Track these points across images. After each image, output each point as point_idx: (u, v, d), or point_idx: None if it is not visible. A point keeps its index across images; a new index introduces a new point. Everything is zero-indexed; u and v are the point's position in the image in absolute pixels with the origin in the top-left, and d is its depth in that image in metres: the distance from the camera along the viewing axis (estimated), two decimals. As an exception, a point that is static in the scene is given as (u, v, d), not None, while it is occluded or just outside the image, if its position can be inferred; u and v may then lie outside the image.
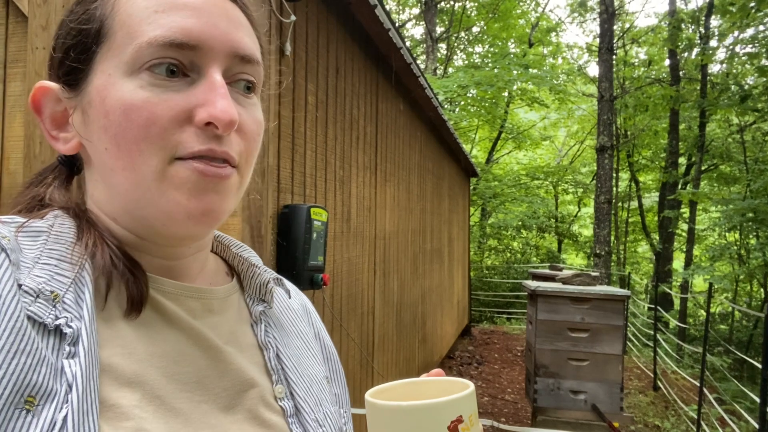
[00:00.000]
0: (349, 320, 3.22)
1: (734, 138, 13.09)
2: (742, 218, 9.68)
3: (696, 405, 5.81)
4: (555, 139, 20.86)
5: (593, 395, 4.43)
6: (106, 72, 0.48)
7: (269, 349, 0.59)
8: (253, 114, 0.53)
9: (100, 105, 0.48)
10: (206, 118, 0.47)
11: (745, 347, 10.96)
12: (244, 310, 0.61)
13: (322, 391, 0.62)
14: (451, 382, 0.56)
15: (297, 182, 2.46)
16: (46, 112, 0.53)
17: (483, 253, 16.06)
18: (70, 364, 0.41)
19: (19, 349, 0.39)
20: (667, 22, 13.14)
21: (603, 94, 10.23)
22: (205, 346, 0.52)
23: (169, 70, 0.47)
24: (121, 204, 0.50)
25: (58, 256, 0.46)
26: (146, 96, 0.46)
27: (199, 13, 0.48)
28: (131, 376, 0.45)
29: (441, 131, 6.68)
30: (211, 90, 0.47)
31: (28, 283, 0.43)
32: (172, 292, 0.53)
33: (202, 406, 0.49)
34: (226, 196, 0.50)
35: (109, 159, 0.48)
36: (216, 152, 0.48)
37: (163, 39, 0.47)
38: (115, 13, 0.49)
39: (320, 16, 2.74)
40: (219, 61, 0.49)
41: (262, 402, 0.55)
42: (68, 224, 0.50)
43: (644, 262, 18.52)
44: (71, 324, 0.43)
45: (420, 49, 16.90)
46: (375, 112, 3.84)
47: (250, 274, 0.63)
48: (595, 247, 10.08)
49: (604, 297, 4.44)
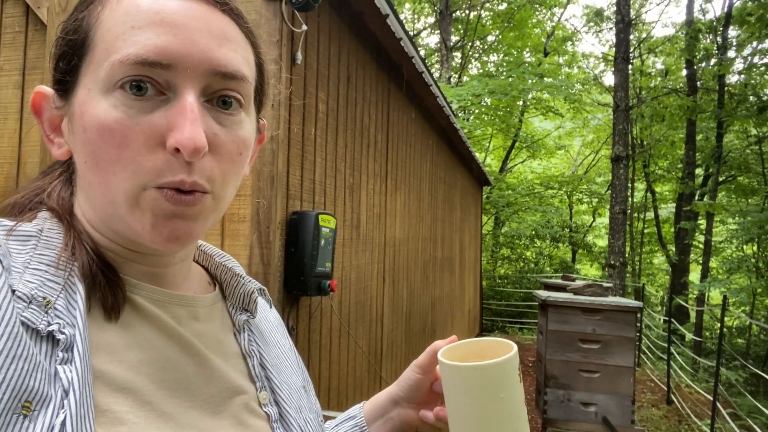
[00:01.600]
0: (357, 327, 3.23)
1: (752, 149, 12.92)
2: (760, 230, 9.54)
3: (709, 420, 5.71)
4: (570, 149, 20.75)
5: (604, 407, 4.38)
6: (87, 86, 0.48)
7: (253, 357, 0.60)
8: (234, 133, 0.51)
9: (80, 119, 0.48)
10: (174, 144, 0.46)
11: (762, 362, 10.75)
12: (227, 319, 0.62)
13: (300, 398, 0.64)
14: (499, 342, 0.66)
15: (306, 189, 2.48)
16: (45, 115, 0.54)
17: (496, 262, 15.98)
18: (65, 369, 0.42)
19: (16, 355, 0.39)
20: (684, 32, 13.05)
21: (619, 103, 10.17)
22: (192, 353, 0.53)
23: (139, 87, 0.46)
24: (99, 215, 0.51)
25: (48, 262, 0.47)
26: (118, 117, 0.46)
27: (178, 30, 0.47)
28: (122, 382, 0.46)
29: (453, 140, 6.69)
30: (181, 114, 0.46)
31: (21, 289, 0.43)
32: (159, 299, 0.53)
33: (191, 411, 0.50)
34: (195, 221, 0.49)
35: (87, 172, 0.49)
36: (186, 184, 0.47)
37: (135, 58, 0.45)
38: (98, 25, 0.48)
39: (332, 25, 2.78)
40: (195, 80, 0.48)
41: (248, 408, 0.56)
42: (57, 229, 0.50)
43: (660, 274, 18.29)
44: (64, 330, 0.43)
45: (435, 57, 16.94)
46: (386, 120, 3.86)
47: (233, 283, 0.63)
48: (610, 258, 9.99)
49: (615, 308, 4.40)
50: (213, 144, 0.49)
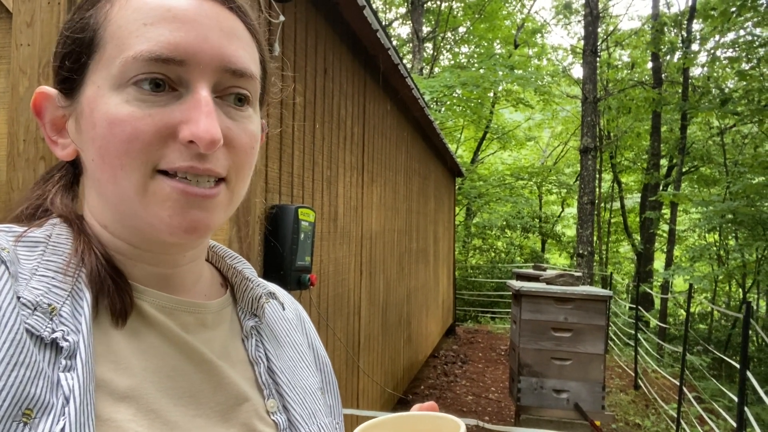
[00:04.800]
0: (336, 320, 3.23)
1: (715, 140, 13.32)
2: (721, 220, 9.85)
3: (676, 404, 5.91)
4: (539, 140, 21.04)
5: (576, 394, 4.49)
6: (96, 83, 0.48)
7: (260, 364, 0.59)
8: (245, 127, 0.51)
9: (89, 116, 0.48)
10: (188, 136, 0.46)
11: (723, 347, 11.15)
12: (236, 324, 0.60)
13: (316, 402, 0.62)
14: (443, 419, 0.53)
15: (285, 182, 2.45)
16: (47, 116, 0.53)
17: (468, 252, 16.15)
18: (67, 377, 0.41)
19: (18, 362, 0.39)
20: (650, 25, 13.31)
21: (587, 95, 10.34)
22: (199, 361, 0.52)
23: (154, 84, 0.46)
24: (111, 213, 0.51)
25: (55, 268, 0.46)
26: (131, 111, 0.46)
27: (190, 26, 0.47)
28: (126, 390, 0.45)
29: (427, 131, 6.71)
30: (196, 108, 0.46)
31: (26, 296, 0.43)
32: (166, 306, 0.52)
33: (197, 420, 0.49)
34: (212, 212, 0.49)
35: (96, 170, 0.49)
36: (197, 170, 0.47)
37: (149, 54, 0.45)
38: (107, 23, 0.48)
39: (309, 16, 2.74)
40: (207, 75, 0.48)
41: (256, 416, 0.55)
42: (65, 234, 0.50)
43: (626, 263, 18.76)
44: (68, 338, 0.43)
45: (406, 48, 16.93)
46: (362, 113, 3.85)
47: (243, 287, 0.62)
48: (578, 248, 10.19)
49: (587, 297, 4.50)
50: (227, 138, 0.49)
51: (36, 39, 1.96)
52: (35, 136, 1.94)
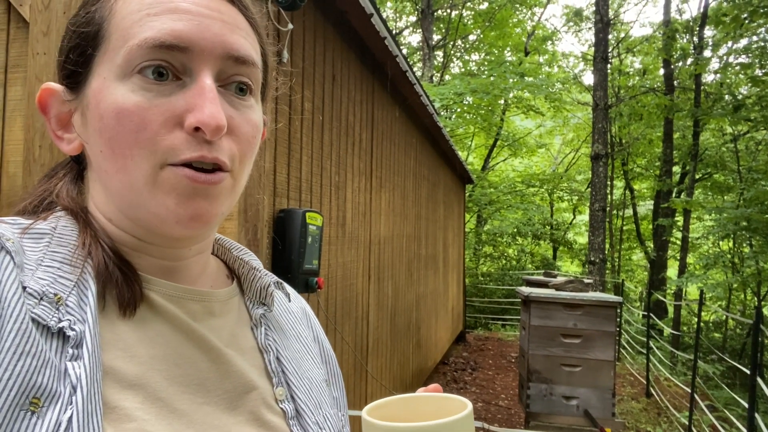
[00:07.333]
0: (344, 324, 3.25)
1: (728, 147, 13.19)
2: (735, 227, 9.74)
3: (688, 412, 5.84)
4: (550, 147, 20.96)
5: (585, 401, 4.46)
6: (102, 75, 0.49)
7: (269, 351, 0.59)
8: (247, 116, 0.52)
9: (96, 108, 0.49)
10: (194, 123, 0.46)
11: (738, 355, 11.00)
12: (244, 313, 0.61)
13: (321, 393, 0.62)
14: (449, 399, 0.53)
15: (293, 187, 2.49)
16: (52, 112, 0.54)
17: (478, 259, 16.10)
18: (74, 366, 0.42)
19: (24, 351, 0.40)
20: (661, 31, 13.26)
21: (598, 102, 10.31)
22: (206, 349, 0.52)
23: (158, 72, 0.47)
24: (117, 205, 0.51)
25: (60, 259, 0.47)
26: (137, 100, 0.47)
27: (192, 16, 0.48)
28: (133, 378, 0.46)
29: (437, 138, 6.73)
30: (200, 94, 0.47)
31: (32, 286, 0.43)
32: (174, 294, 0.53)
33: (205, 407, 0.49)
34: (216, 201, 0.50)
35: (104, 161, 0.49)
36: (207, 159, 0.48)
37: (153, 41, 0.47)
38: (111, 16, 0.49)
39: (317, 24, 2.79)
40: (210, 63, 0.49)
41: (264, 404, 0.55)
42: (71, 226, 0.50)
43: (639, 270, 18.57)
44: (74, 327, 0.43)
45: (417, 56, 17.00)
46: (371, 119, 3.89)
47: (250, 277, 0.63)
48: (590, 255, 10.13)
49: (596, 303, 4.48)
50: (229, 126, 0.50)
51: (52, 48, 2.02)
52: (50, 143, 1.99)
